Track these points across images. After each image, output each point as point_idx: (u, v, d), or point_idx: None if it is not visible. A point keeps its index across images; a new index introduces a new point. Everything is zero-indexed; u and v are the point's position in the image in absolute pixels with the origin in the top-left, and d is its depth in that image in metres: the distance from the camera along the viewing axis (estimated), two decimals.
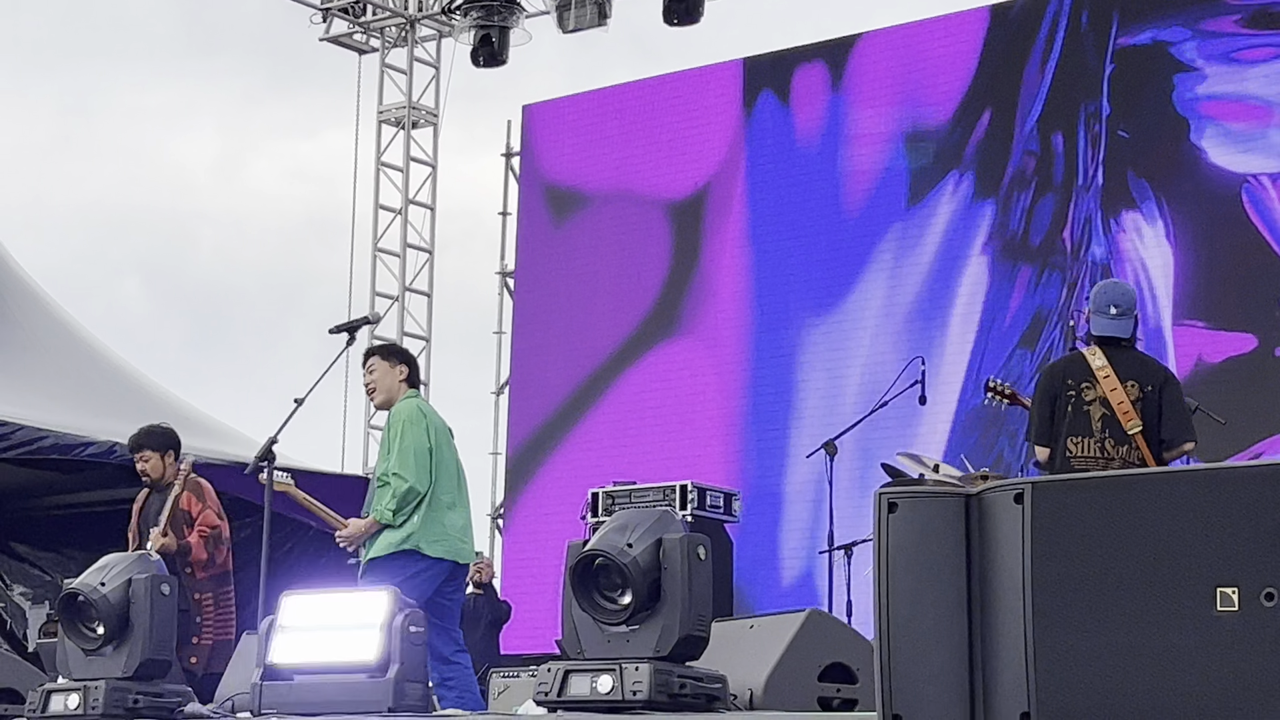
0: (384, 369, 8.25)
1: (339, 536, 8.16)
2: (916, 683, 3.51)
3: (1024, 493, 3.49)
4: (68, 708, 5.74)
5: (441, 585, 7.96)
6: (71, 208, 29.02)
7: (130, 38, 30.29)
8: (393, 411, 8.14)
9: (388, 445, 8.01)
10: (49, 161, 29.61)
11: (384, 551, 7.89)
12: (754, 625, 5.80)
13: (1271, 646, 3.22)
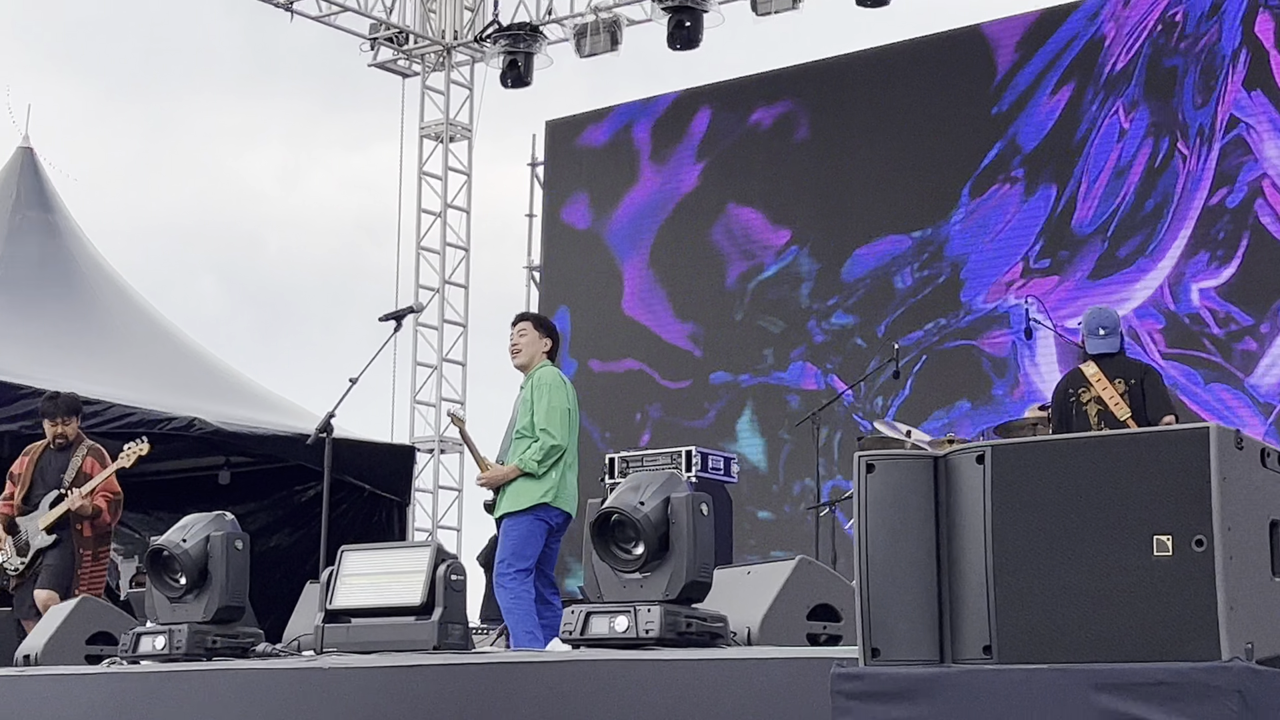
0: (533, 336, 8.22)
1: (480, 478, 8.06)
2: (892, 620, 3.51)
3: (985, 454, 3.48)
4: (155, 648, 5.76)
5: (553, 535, 7.99)
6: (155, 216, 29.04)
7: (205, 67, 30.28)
8: (537, 375, 8.07)
9: (530, 404, 7.96)
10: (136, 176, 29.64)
11: (524, 505, 7.85)
12: (750, 572, 5.80)
13: (1201, 585, 3.21)
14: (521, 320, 8.38)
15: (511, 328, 8.36)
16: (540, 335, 8.25)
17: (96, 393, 11.98)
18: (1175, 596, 3.23)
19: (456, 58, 17.69)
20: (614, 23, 15.83)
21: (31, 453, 9.70)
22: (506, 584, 7.82)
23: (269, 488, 13.90)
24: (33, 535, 9.38)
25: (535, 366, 8.16)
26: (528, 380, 8.12)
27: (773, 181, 15.43)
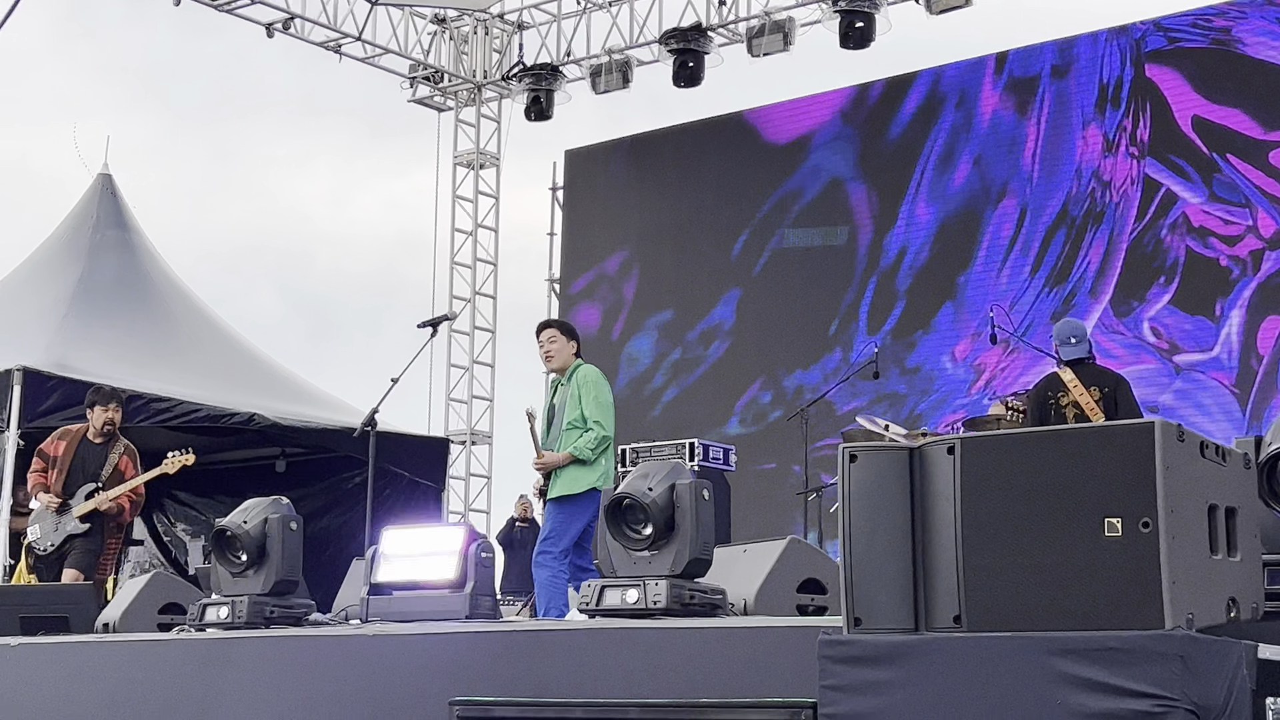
0: (562, 341, 8.15)
1: (536, 463, 7.95)
2: (873, 592, 3.50)
3: (955, 446, 3.48)
4: (219, 617, 5.75)
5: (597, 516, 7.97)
6: (218, 233, 29.05)
7: (262, 102, 30.31)
8: (580, 372, 8.01)
9: (578, 397, 7.90)
10: (201, 198, 29.65)
11: (577, 489, 7.77)
12: (746, 550, 5.78)
13: (1147, 562, 3.21)
14: (547, 328, 8.27)
15: (538, 335, 8.29)
16: (568, 340, 8.20)
17: (168, 391, 11.99)
18: (1124, 572, 3.23)
19: (486, 94, 17.69)
20: (625, 63, 15.83)
21: (69, 438, 9.44)
22: (548, 562, 7.76)
23: (320, 475, 13.89)
24: (66, 521, 9.23)
25: (571, 366, 8.11)
26: (570, 378, 8.04)
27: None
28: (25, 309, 12.78)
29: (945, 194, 14.41)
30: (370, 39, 16.46)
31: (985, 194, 14.13)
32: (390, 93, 17.54)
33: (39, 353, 11.62)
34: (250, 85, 30.15)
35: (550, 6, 16.71)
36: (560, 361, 8.12)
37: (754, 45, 14.72)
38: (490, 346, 17.56)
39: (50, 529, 9.23)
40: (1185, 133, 13.11)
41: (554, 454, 7.91)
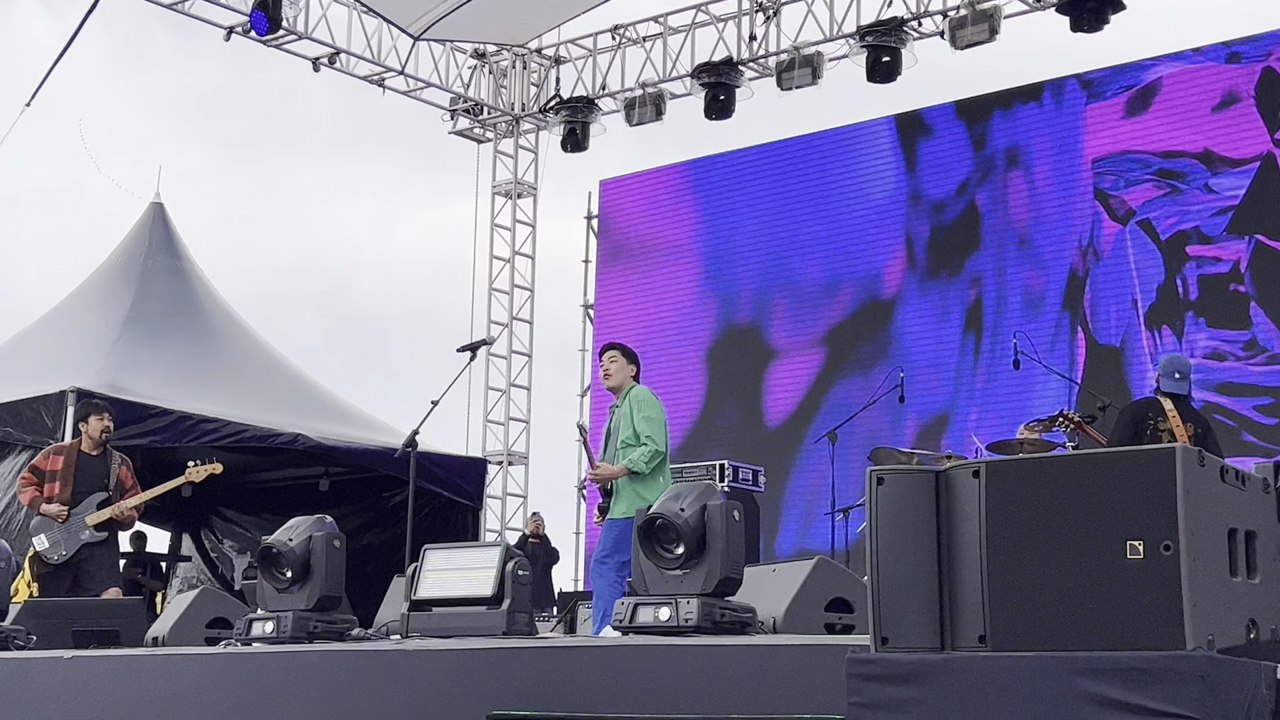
0: (622, 362, 8.20)
1: (592, 474, 8.04)
2: (899, 612, 3.49)
3: (980, 470, 3.46)
4: (265, 632, 5.76)
5: None
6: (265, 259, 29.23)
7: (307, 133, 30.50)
8: (634, 392, 8.08)
9: (632, 415, 7.96)
10: (248, 225, 29.84)
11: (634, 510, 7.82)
12: (775, 569, 5.77)
13: (1169, 585, 3.18)
14: (610, 349, 8.34)
15: (600, 356, 8.36)
16: (628, 362, 8.25)
17: (216, 412, 12.04)
18: (1146, 594, 3.20)
19: (524, 126, 17.76)
20: (659, 96, 15.86)
21: (64, 453, 9.32)
22: (609, 574, 7.78)
23: (362, 494, 13.93)
24: (79, 530, 9.13)
25: (626, 386, 8.16)
26: (624, 398, 8.11)
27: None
28: (79, 333, 12.88)
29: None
30: (412, 73, 16.54)
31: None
32: (431, 125, 17.64)
33: (91, 375, 11.69)
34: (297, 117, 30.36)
35: (586, 41, 16.77)
36: (616, 381, 8.18)
37: (784, 79, 14.72)
38: (527, 370, 17.59)
39: (62, 538, 9.11)
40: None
41: (609, 466, 7.94)
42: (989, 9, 13.53)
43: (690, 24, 15.79)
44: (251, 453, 12.98)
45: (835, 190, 15.40)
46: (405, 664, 5.05)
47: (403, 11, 15.29)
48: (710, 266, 16.07)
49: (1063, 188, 13.91)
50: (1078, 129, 13.91)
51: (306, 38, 15.39)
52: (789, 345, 15.40)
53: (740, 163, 16.13)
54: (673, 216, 16.51)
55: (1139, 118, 13.55)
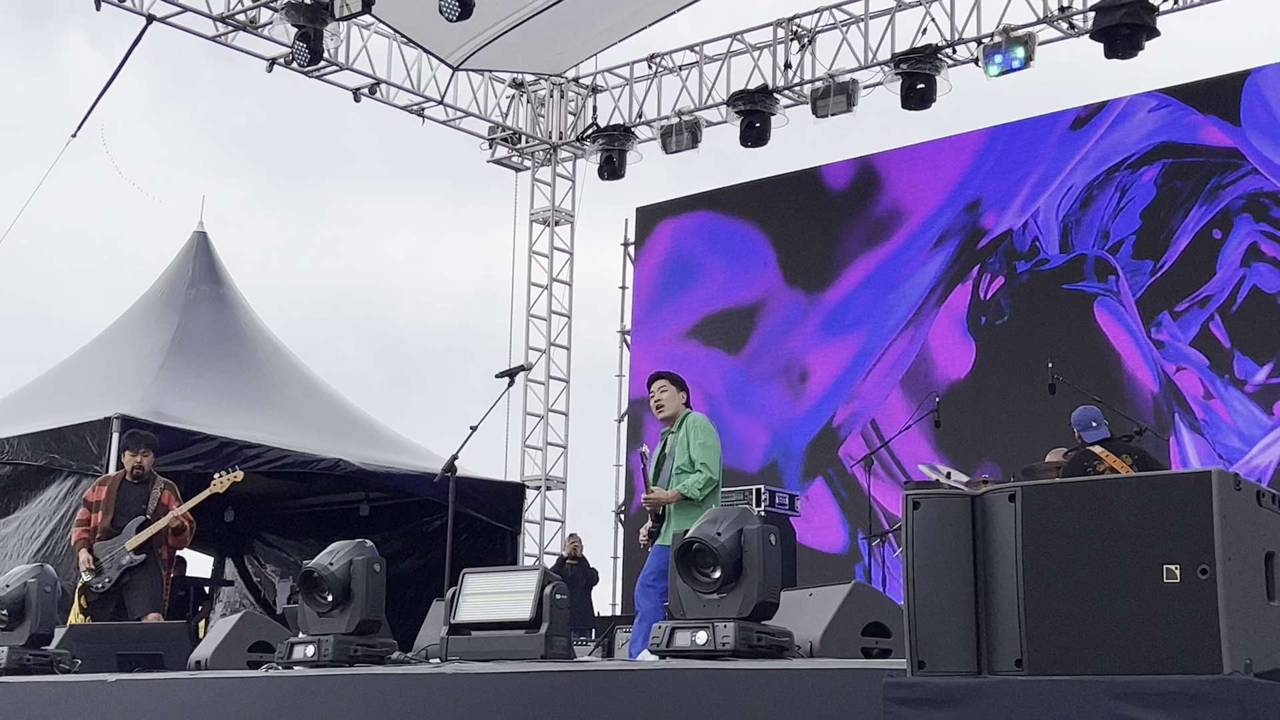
0: (672, 392, 8.15)
1: (646, 498, 7.96)
2: (936, 636, 3.47)
3: (1016, 494, 3.45)
4: (306, 655, 5.77)
5: None
6: (307, 287, 29.38)
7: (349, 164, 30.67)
8: (690, 419, 8.04)
9: (688, 442, 7.92)
10: (290, 254, 30.02)
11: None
12: (812, 593, 5.75)
13: (1205, 608, 3.16)
14: (660, 378, 8.25)
15: (650, 385, 8.30)
16: (679, 390, 8.21)
17: (258, 437, 12.10)
18: (1183, 618, 3.18)
19: (561, 154, 17.83)
20: (695, 124, 15.90)
21: (109, 483, 9.61)
22: (655, 597, 7.77)
23: (401, 519, 13.95)
24: (120, 557, 9.33)
25: (680, 415, 8.13)
26: (680, 424, 8.07)
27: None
28: (124, 359, 12.97)
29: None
30: (451, 103, 16.64)
31: None
32: (470, 154, 17.75)
33: (136, 401, 11.77)
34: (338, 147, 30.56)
35: (623, 70, 16.83)
36: (670, 410, 8.14)
37: (819, 106, 14.74)
38: (564, 395, 17.62)
39: (105, 566, 9.32)
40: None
41: (663, 491, 7.92)
42: (1023, 35, 13.51)
43: (726, 52, 15.84)
44: (293, 478, 13.03)
45: (873, 216, 15.39)
46: (445, 687, 5.05)
47: (442, 42, 15.39)
48: (744, 292, 16.05)
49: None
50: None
51: (347, 68, 15.51)
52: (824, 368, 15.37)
53: (775, 189, 16.12)
54: (707, 243, 16.52)
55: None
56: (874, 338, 15.14)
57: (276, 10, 14.01)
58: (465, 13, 12.39)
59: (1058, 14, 13.60)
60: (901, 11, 14.51)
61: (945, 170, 14.92)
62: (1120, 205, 13.71)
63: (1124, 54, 12.89)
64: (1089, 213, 13.93)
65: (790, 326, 15.76)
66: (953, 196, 14.83)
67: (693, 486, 7.81)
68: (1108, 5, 12.85)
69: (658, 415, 8.24)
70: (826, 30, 15.10)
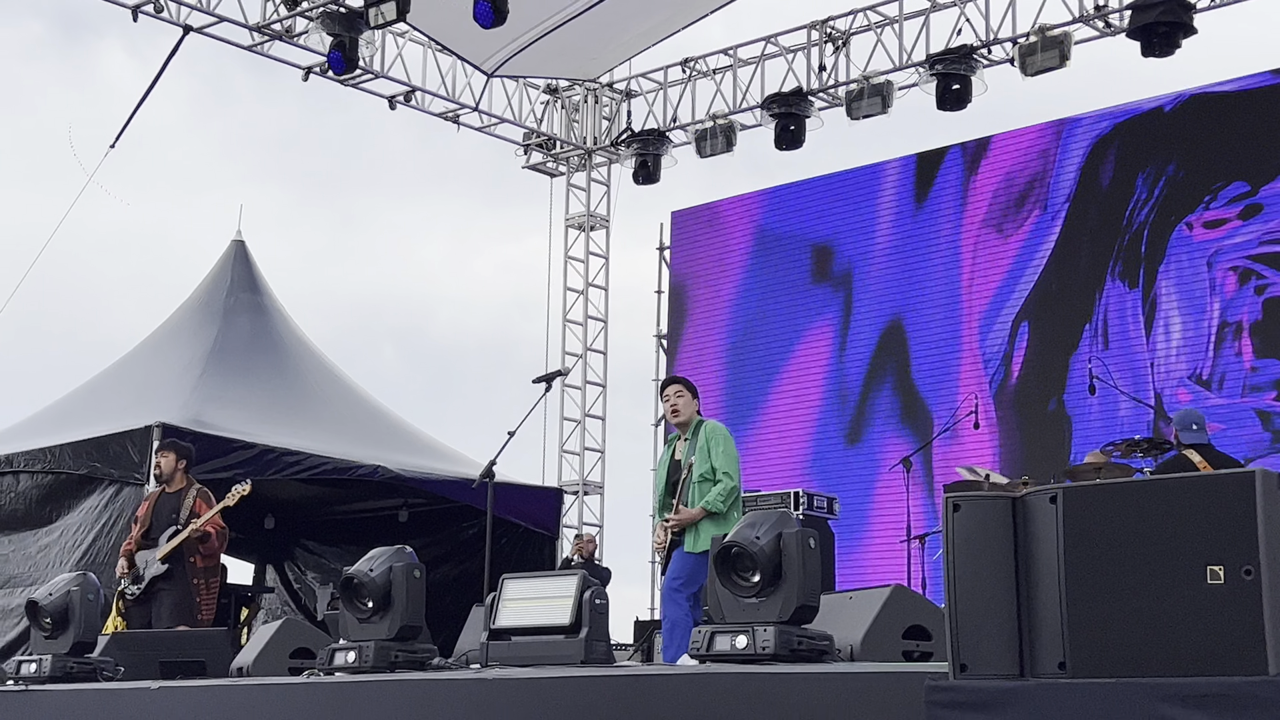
0: (688, 398, 8.18)
1: (671, 519, 7.94)
2: (978, 639, 3.46)
3: (1058, 495, 3.43)
4: (347, 661, 5.79)
5: None
6: (344, 294, 29.49)
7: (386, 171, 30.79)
8: (708, 427, 8.06)
9: (708, 451, 7.94)
10: (329, 261, 30.14)
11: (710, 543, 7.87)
12: (852, 597, 5.74)
13: (1250, 610, 3.14)
14: (675, 384, 8.30)
15: (665, 389, 8.32)
16: (693, 397, 8.23)
17: (297, 445, 12.14)
18: (1227, 619, 3.16)
19: (596, 159, 17.84)
20: (729, 128, 15.89)
21: (151, 497, 9.72)
22: (682, 601, 7.79)
23: (440, 525, 13.98)
24: (150, 565, 9.40)
25: (694, 421, 8.14)
26: (698, 432, 8.07)
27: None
28: (164, 368, 13.05)
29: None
30: (486, 109, 16.68)
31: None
32: (505, 159, 17.77)
33: (176, 410, 11.84)
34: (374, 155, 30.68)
35: (657, 75, 16.84)
36: (685, 415, 8.16)
37: (853, 108, 14.70)
38: (601, 400, 17.63)
39: (134, 577, 9.45)
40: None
41: (688, 510, 7.91)
42: (1059, 35, 13.44)
43: (760, 55, 15.82)
44: (332, 485, 13.08)
45: (907, 217, 15.34)
46: (485, 692, 5.06)
47: (476, 49, 15.43)
48: (782, 294, 16.03)
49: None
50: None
51: (383, 76, 15.57)
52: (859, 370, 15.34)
53: (812, 191, 16.09)
54: (743, 246, 16.50)
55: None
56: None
57: (312, 19, 14.09)
58: (499, 19, 12.42)
59: (1093, 13, 13.52)
60: (936, 12, 14.46)
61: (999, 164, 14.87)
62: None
63: (1161, 53, 12.80)
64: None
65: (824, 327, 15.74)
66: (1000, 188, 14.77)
67: (715, 500, 7.84)
68: (1144, 3, 12.77)
69: (672, 420, 8.26)
70: (861, 32, 15.06)
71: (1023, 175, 14.49)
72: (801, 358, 15.76)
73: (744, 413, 15.81)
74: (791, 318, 15.90)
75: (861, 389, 15.20)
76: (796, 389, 15.71)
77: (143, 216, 28.52)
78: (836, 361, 15.47)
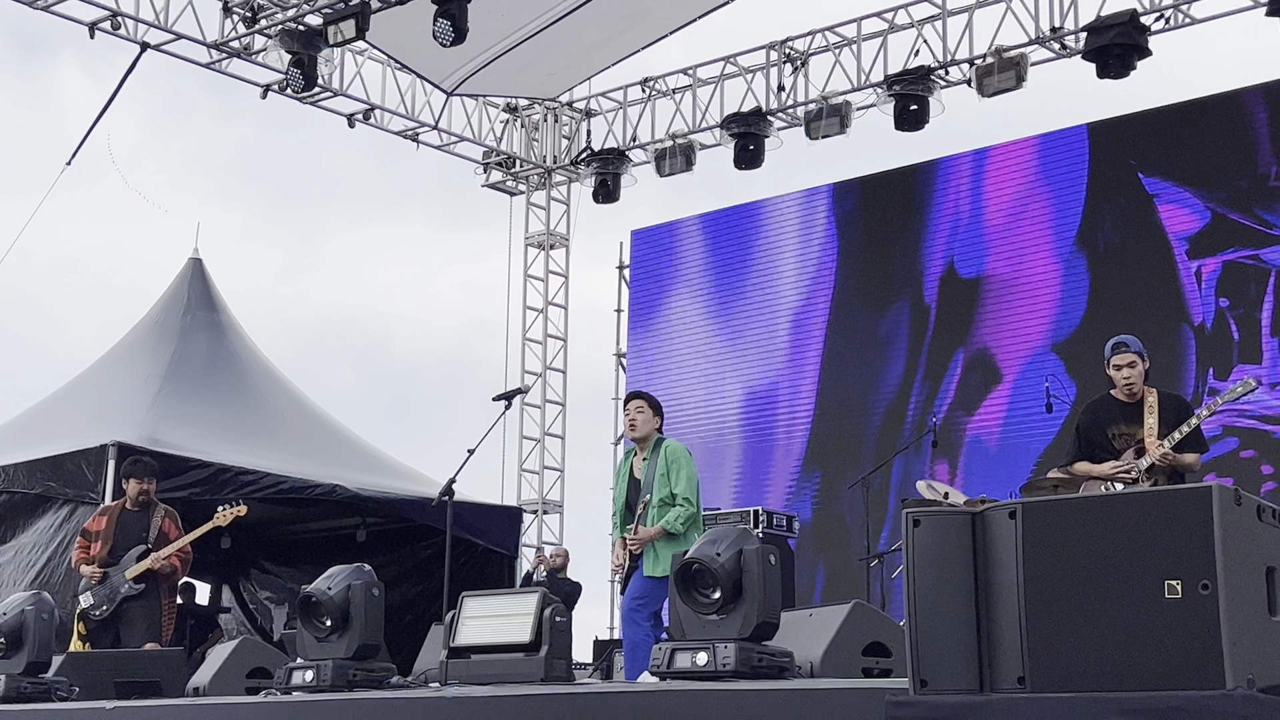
0: (649, 414, 8.16)
1: (631, 539, 7.93)
2: (938, 654, 3.46)
3: (1016, 511, 3.45)
4: (305, 680, 5.76)
5: None
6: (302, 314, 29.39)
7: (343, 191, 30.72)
8: (669, 447, 8.05)
9: (667, 474, 7.94)
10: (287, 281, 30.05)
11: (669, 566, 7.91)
12: (812, 614, 5.74)
13: (1207, 624, 3.16)
14: (636, 398, 8.28)
15: (627, 404, 8.30)
16: (654, 414, 8.22)
17: (254, 464, 12.09)
18: (1185, 633, 3.18)
19: (556, 178, 17.86)
20: (689, 147, 15.93)
21: (109, 513, 9.60)
22: (641, 621, 7.80)
23: (398, 544, 13.94)
24: (119, 585, 9.32)
25: (653, 438, 8.13)
26: (657, 451, 8.06)
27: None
28: (120, 386, 12.96)
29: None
30: (446, 128, 16.67)
31: None
32: (465, 178, 17.75)
33: (133, 428, 11.77)
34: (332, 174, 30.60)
35: (616, 94, 16.87)
36: (644, 431, 8.16)
37: (812, 129, 14.76)
38: (561, 419, 17.61)
39: (104, 594, 9.31)
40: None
41: (646, 529, 7.91)
42: (1015, 56, 13.55)
43: (719, 75, 15.87)
44: (289, 504, 13.02)
45: (861, 237, 15.42)
46: (445, 711, 5.04)
47: (436, 67, 15.42)
48: (740, 314, 16.07)
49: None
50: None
51: (342, 94, 15.54)
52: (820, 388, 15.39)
53: (768, 211, 16.16)
54: (702, 265, 16.55)
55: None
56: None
57: (270, 37, 14.04)
58: (459, 38, 12.42)
59: (1049, 35, 13.64)
60: (894, 33, 14.55)
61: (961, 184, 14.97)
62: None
63: (1116, 74, 12.92)
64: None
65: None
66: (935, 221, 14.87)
67: (675, 521, 7.87)
68: (1099, 26, 12.89)
69: (630, 434, 8.24)
70: (819, 52, 15.14)
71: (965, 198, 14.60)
72: (761, 376, 15.79)
73: (704, 431, 15.82)
74: (750, 337, 15.94)
75: (817, 409, 15.24)
76: (757, 407, 15.74)
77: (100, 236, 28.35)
78: (795, 381, 15.51)
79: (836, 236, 15.55)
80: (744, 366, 15.93)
